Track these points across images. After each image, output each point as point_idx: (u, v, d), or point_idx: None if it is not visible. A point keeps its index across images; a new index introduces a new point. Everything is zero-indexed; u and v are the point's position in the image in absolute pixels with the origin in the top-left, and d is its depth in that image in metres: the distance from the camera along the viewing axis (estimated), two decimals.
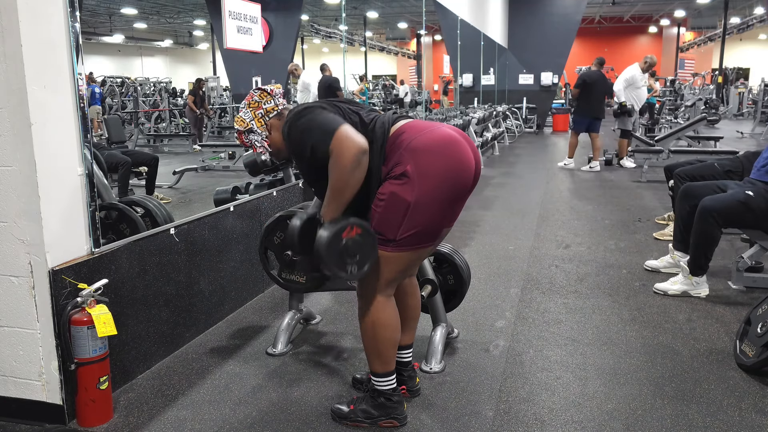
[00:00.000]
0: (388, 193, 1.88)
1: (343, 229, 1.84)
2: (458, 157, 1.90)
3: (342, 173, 1.80)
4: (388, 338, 2.02)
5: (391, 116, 2.00)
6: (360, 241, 1.87)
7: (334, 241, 1.82)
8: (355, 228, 1.85)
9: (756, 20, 20.10)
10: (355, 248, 1.86)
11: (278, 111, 2.09)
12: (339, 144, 1.79)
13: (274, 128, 2.07)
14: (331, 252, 1.83)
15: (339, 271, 1.86)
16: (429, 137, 1.89)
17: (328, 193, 1.85)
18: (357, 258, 1.87)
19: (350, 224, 1.85)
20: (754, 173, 3.38)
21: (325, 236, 1.83)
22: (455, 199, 1.94)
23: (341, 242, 1.84)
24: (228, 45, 3.68)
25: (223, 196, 3.61)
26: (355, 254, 1.86)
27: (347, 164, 1.79)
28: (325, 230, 1.84)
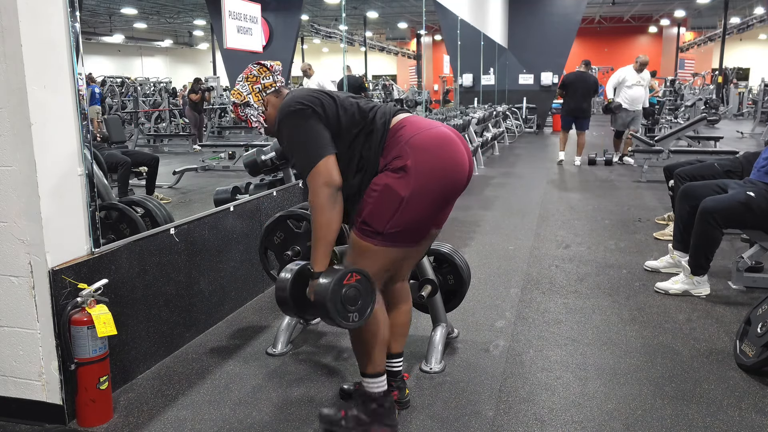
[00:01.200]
0: (383, 184, 1.85)
1: (344, 277, 1.80)
2: (454, 157, 1.89)
3: (322, 213, 1.82)
4: (376, 336, 1.98)
5: (393, 108, 1.98)
6: (359, 287, 1.83)
7: (336, 289, 1.77)
8: (354, 275, 1.82)
9: (756, 20, 20.11)
10: (355, 295, 1.82)
11: (276, 88, 2.05)
12: (315, 181, 1.82)
13: (270, 104, 2.04)
14: (335, 303, 1.78)
15: (342, 321, 1.81)
16: (429, 135, 1.88)
17: (313, 238, 1.86)
18: (358, 304, 1.83)
19: (350, 271, 1.81)
20: (754, 174, 3.38)
21: (328, 286, 1.76)
22: (446, 199, 1.93)
23: (342, 291, 1.79)
24: (228, 45, 3.68)
25: (223, 196, 3.60)
26: (356, 302, 1.83)
27: (324, 204, 1.82)
28: (325, 278, 1.79)
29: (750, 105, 18.79)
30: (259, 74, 2.04)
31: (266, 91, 2.04)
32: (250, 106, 2.04)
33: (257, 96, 2.04)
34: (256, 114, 2.04)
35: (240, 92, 2.04)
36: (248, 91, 2.04)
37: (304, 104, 1.89)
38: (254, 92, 2.04)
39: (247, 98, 2.04)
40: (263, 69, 2.05)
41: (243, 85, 2.04)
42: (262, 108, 2.05)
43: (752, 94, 19.48)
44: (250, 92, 2.03)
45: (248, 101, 2.04)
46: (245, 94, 2.04)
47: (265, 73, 2.05)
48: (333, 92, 2.00)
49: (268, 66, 2.06)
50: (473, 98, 12.22)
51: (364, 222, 1.88)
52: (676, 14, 23.43)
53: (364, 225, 1.89)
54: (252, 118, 2.05)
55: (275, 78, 2.06)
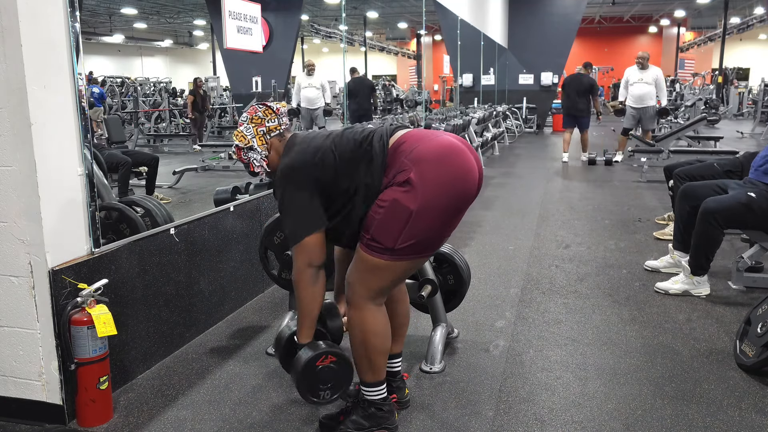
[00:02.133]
0: (390, 199, 1.80)
1: (317, 358, 1.89)
2: (461, 165, 1.84)
3: (304, 291, 1.89)
4: (379, 346, 1.96)
5: (389, 128, 1.94)
6: (334, 368, 1.91)
7: (307, 371, 1.88)
8: (329, 356, 1.90)
9: (756, 20, 20.10)
10: (329, 376, 1.91)
11: (280, 131, 2.02)
12: (298, 259, 1.88)
13: (273, 148, 2.00)
14: (304, 380, 1.89)
15: (311, 398, 1.92)
16: (430, 146, 1.84)
17: (298, 312, 1.94)
18: (330, 385, 1.92)
19: (325, 353, 1.90)
20: (752, 174, 3.38)
21: (300, 364, 1.88)
22: (458, 208, 1.88)
23: (315, 370, 1.89)
24: (228, 45, 3.68)
25: (223, 196, 3.60)
26: (329, 382, 1.92)
27: (305, 282, 1.88)
28: (301, 356, 1.90)
29: (750, 105, 18.78)
30: (264, 116, 2.00)
31: (270, 134, 2.00)
32: (254, 149, 2.00)
33: (261, 139, 2.00)
34: (259, 158, 2.00)
35: (244, 135, 2.00)
36: (253, 134, 1.99)
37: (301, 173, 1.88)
38: (258, 135, 1.99)
39: (251, 142, 1.99)
40: (269, 111, 2.01)
41: (247, 128, 2.00)
42: (266, 152, 2.01)
43: (752, 94, 19.47)
44: (255, 135, 1.99)
45: (252, 145, 1.99)
46: (249, 138, 1.99)
47: (271, 115, 2.01)
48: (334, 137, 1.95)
49: (274, 109, 2.02)
50: (473, 98, 12.22)
51: (373, 239, 1.84)
52: (676, 14, 23.43)
53: (372, 242, 1.84)
54: (255, 163, 2.01)
55: (280, 120, 2.02)
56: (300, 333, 1.95)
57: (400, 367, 2.23)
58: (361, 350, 1.97)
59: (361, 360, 1.99)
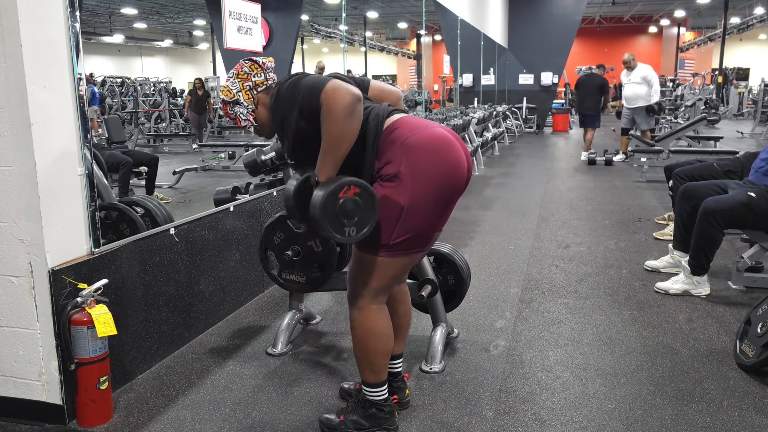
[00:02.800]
0: (380, 196, 1.79)
1: (340, 189, 1.71)
2: (451, 158, 1.84)
3: (336, 122, 1.69)
4: (380, 347, 1.96)
5: (387, 108, 1.92)
6: (358, 201, 1.74)
7: (329, 201, 1.70)
8: (353, 187, 1.73)
9: (756, 20, 20.10)
10: (353, 209, 1.73)
11: (267, 85, 1.99)
12: (331, 94, 1.69)
13: (260, 103, 1.98)
14: (327, 214, 1.71)
15: (335, 235, 1.74)
16: (423, 136, 1.83)
17: (322, 148, 1.75)
18: (355, 220, 1.75)
19: (347, 183, 1.73)
20: (752, 175, 3.39)
21: (320, 196, 1.70)
22: (447, 201, 1.88)
23: (338, 203, 1.71)
24: (228, 45, 3.68)
25: (223, 196, 3.60)
26: (353, 216, 1.74)
27: (341, 113, 1.68)
28: (320, 190, 1.72)
29: (750, 105, 18.79)
30: (250, 71, 1.99)
31: (257, 89, 1.99)
32: (240, 104, 1.98)
33: (247, 94, 1.98)
34: (246, 112, 1.99)
35: (230, 89, 1.99)
36: (238, 88, 1.98)
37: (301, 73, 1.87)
38: (245, 90, 1.98)
39: (237, 96, 1.98)
40: (255, 66, 2.00)
41: (233, 82, 1.99)
42: (252, 106, 1.99)
43: (752, 94, 19.47)
44: (241, 90, 1.98)
45: (238, 99, 1.98)
46: (235, 92, 1.98)
47: (257, 70, 1.99)
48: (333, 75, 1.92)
49: (260, 63, 2.00)
50: (473, 98, 12.22)
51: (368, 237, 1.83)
52: (676, 14, 23.43)
53: (368, 239, 1.83)
54: (241, 117, 1.99)
55: (267, 75, 2.00)
56: (320, 170, 1.76)
57: (401, 368, 2.22)
58: (362, 351, 1.97)
59: (362, 361, 1.98)
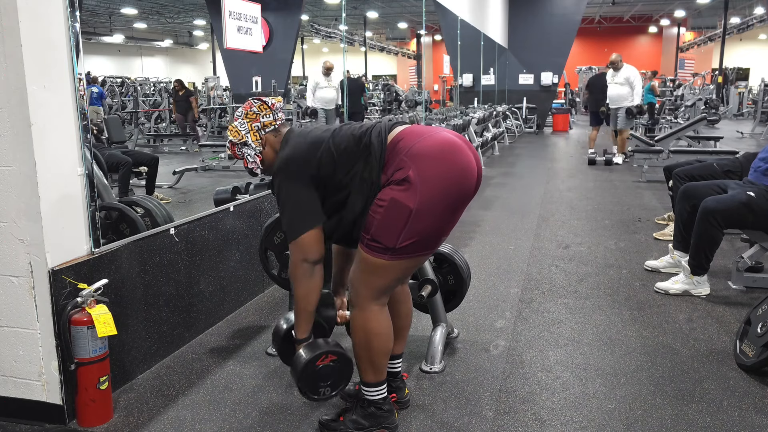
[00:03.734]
0: (389, 199, 1.79)
1: (318, 358, 1.91)
2: (460, 162, 1.83)
3: (299, 283, 1.90)
4: (381, 347, 1.96)
5: (388, 124, 1.92)
6: (334, 366, 1.94)
7: (308, 367, 1.90)
8: (329, 356, 1.93)
9: (756, 20, 20.10)
10: (329, 374, 1.94)
11: (275, 126, 2.01)
12: (295, 254, 1.88)
13: (268, 144, 1.99)
14: (305, 378, 1.91)
15: (311, 395, 1.95)
16: (429, 142, 1.82)
17: (294, 307, 1.95)
18: (329, 382, 1.95)
19: (325, 352, 1.92)
20: (751, 175, 3.39)
21: (301, 362, 1.91)
22: (457, 205, 1.87)
23: (316, 368, 1.92)
24: (228, 45, 3.68)
25: (223, 196, 3.60)
26: (328, 379, 1.95)
27: (301, 276, 1.88)
28: (303, 355, 1.92)
29: (750, 105, 18.79)
30: (259, 111, 1.99)
31: (265, 130, 1.99)
32: (248, 145, 1.99)
33: (255, 135, 1.99)
34: (253, 154, 1.99)
35: (238, 131, 1.99)
36: (247, 130, 1.98)
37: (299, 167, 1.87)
38: (252, 131, 1.98)
39: (245, 138, 1.98)
40: (263, 107, 2.00)
41: (242, 123, 1.99)
42: (260, 148, 2.00)
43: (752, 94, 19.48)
44: (249, 131, 1.98)
45: (246, 140, 1.98)
46: (243, 133, 1.98)
47: (266, 110, 2.00)
48: (332, 131, 1.93)
49: (269, 104, 2.01)
50: (473, 98, 12.21)
51: (373, 239, 1.83)
52: (676, 14, 23.43)
53: (373, 242, 1.83)
54: (248, 159, 2.00)
55: (275, 116, 2.01)
56: (297, 327, 1.97)
57: (400, 368, 2.23)
58: (363, 350, 1.97)
59: (362, 360, 1.99)
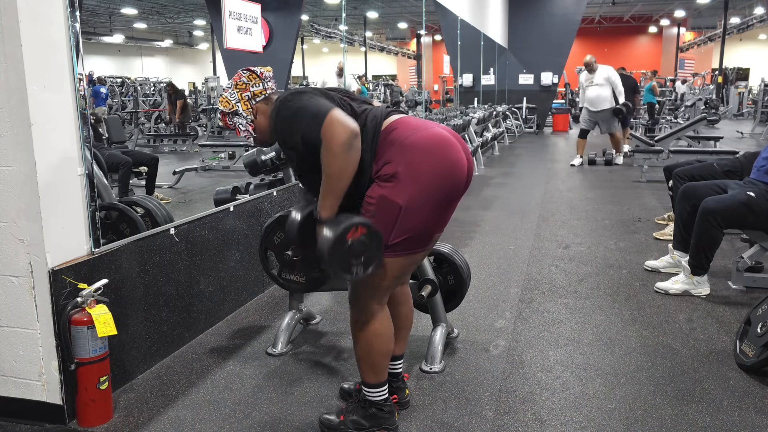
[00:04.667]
0: (378, 196, 1.79)
1: (348, 230, 1.76)
2: (451, 158, 1.83)
3: (335, 158, 1.73)
4: (382, 348, 1.96)
5: (384, 110, 1.91)
6: (365, 241, 1.79)
7: (338, 242, 1.75)
8: (360, 228, 1.78)
9: (756, 20, 20.10)
10: (360, 249, 1.78)
11: (266, 95, 1.98)
12: (330, 129, 1.72)
13: (260, 112, 1.97)
14: (336, 254, 1.76)
15: (344, 274, 1.80)
16: (422, 136, 1.82)
17: (324, 184, 1.78)
18: (362, 259, 1.80)
19: (355, 224, 1.78)
20: (753, 174, 3.38)
21: (330, 238, 1.75)
22: (447, 201, 1.87)
23: (346, 244, 1.76)
24: (228, 45, 3.68)
25: (223, 196, 3.60)
26: (360, 255, 1.79)
27: (340, 149, 1.71)
28: (329, 231, 1.77)
29: (750, 105, 18.79)
30: (248, 81, 1.98)
31: (256, 99, 1.98)
32: (239, 114, 1.98)
33: (246, 104, 1.97)
34: (245, 123, 1.98)
35: (228, 100, 1.98)
36: (237, 99, 1.97)
37: (299, 91, 1.87)
38: (243, 100, 1.97)
39: (235, 107, 1.97)
40: (253, 75, 1.99)
41: (231, 93, 1.98)
42: (251, 117, 1.98)
43: (752, 94, 19.48)
44: (239, 100, 1.97)
45: (237, 110, 1.97)
46: (234, 103, 1.97)
47: (255, 80, 1.98)
48: (326, 89, 1.95)
49: (258, 73, 1.99)
50: (473, 98, 12.22)
51: None
52: (676, 14, 23.44)
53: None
54: (240, 127, 1.99)
55: (265, 85, 2.00)
56: (323, 208, 1.79)
57: (401, 369, 2.23)
58: (363, 351, 1.97)
59: (363, 361, 1.98)
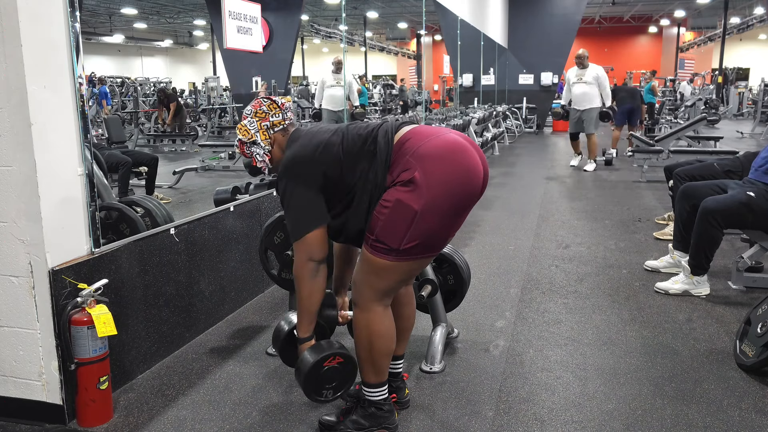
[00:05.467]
0: (394, 200, 1.79)
1: (326, 359, 1.91)
2: (467, 164, 1.83)
3: (303, 283, 1.90)
4: (384, 349, 1.96)
5: (394, 123, 1.92)
6: (340, 368, 1.94)
7: (315, 369, 1.90)
8: (336, 358, 1.93)
9: (756, 20, 20.10)
10: (333, 376, 1.94)
11: (284, 126, 2.01)
12: (299, 254, 1.89)
13: (276, 143, 2.00)
14: (310, 381, 1.91)
15: (315, 397, 1.96)
16: (436, 143, 1.82)
17: (297, 306, 1.95)
18: (333, 384, 1.95)
19: (332, 354, 1.92)
20: (752, 174, 3.38)
21: (308, 364, 1.89)
22: (463, 207, 1.88)
23: (321, 371, 1.91)
24: (228, 45, 3.68)
25: (223, 196, 3.60)
26: (332, 381, 1.94)
27: (307, 274, 1.88)
28: (309, 356, 1.91)
29: (750, 105, 18.79)
30: (268, 110, 1.99)
31: (274, 129, 2.00)
32: (257, 144, 1.99)
33: (264, 134, 1.99)
34: (262, 153, 2.00)
35: (248, 129, 1.99)
36: (256, 129, 1.99)
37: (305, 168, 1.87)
38: (262, 130, 1.99)
39: (254, 137, 1.99)
40: (273, 105, 2.00)
41: (251, 122, 1.99)
42: (269, 147, 2.00)
43: (752, 94, 19.48)
44: (258, 130, 1.99)
45: (255, 139, 1.99)
46: (253, 132, 1.99)
47: (275, 109, 2.00)
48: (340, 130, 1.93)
49: (278, 104, 2.01)
50: (473, 98, 12.22)
51: (378, 240, 1.82)
52: (676, 14, 23.43)
53: (377, 243, 1.83)
54: (257, 157, 2.01)
55: (285, 116, 2.01)
56: (300, 327, 1.97)
57: (401, 369, 2.23)
58: (365, 351, 1.97)
59: (365, 361, 1.99)
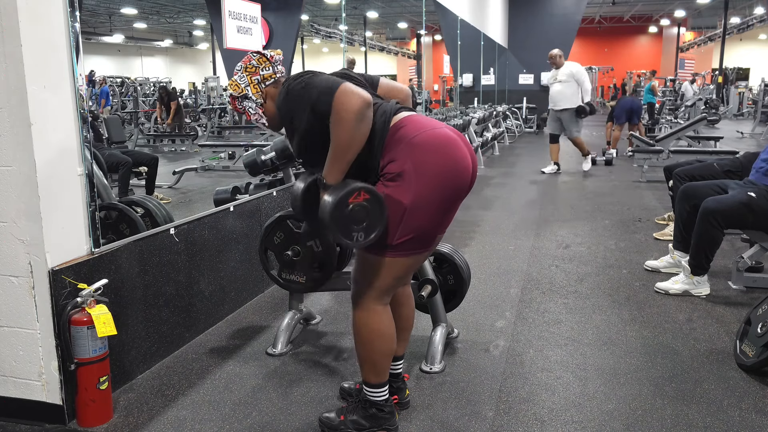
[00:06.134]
0: (383, 196, 1.78)
1: (350, 194, 1.72)
2: (456, 158, 1.83)
3: (346, 128, 1.69)
4: (384, 348, 1.95)
5: (394, 106, 1.90)
6: (368, 206, 1.74)
7: (339, 206, 1.71)
8: (362, 193, 1.73)
9: (756, 20, 20.11)
10: (362, 214, 1.74)
11: (276, 79, 1.97)
12: (341, 99, 1.69)
13: (269, 96, 1.96)
14: (336, 218, 1.72)
15: (344, 239, 1.75)
16: (428, 135, 1.81)
17: (331, 152, 1.75)
18: (364, 225, 1.75)
19: (357, 189, 1.73)
20: (753, 175, 3.39)
21: (330, 201, 1.71)
22: (452, 201, 1.87)
23: (347, 208, 1.72)
24: (228, 45, 3.68)
25: (223, 196, 3.60)
26: (362, 221, 1.74)
27: (351, 118, 1.68)
28: (330, 195, 1.73)
29: (750, 105, 18.80)
30: (258, 64, 1.96)
31: (265, 83, 1.96)
32: (249, 98, 1.96)
33: (256, 88, 1.96)
34: (254, 106, 1.97)
35: (238, 84, 1.96)
36: (247, 83, 1.96)
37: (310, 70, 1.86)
38: (253, 84, 1.96)
39: (245, 90, 1.96)
40: (263, 59, 1.97)
41: (241, 77, 1.96)
42: (261, 100, 1.97)
43: (752, 94, 19.49)
44: (249, 84, 1.95)
45: (246, 93, 1.96)
46: (243, 86, 1.96)
47: (265, 63, 1.97)
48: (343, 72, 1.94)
49: (267, 56, 1.98)
50: (473, 98, 12.22)
51: None
52: (676, 14, 23.45)
53: None
54: (250, 111, 1.97)
55: (275, 69, 1.98)
56: (327, 173, 1.76)
57: (401, 369, 2.22)
58: (365, 351, 1.96)
59: (365, 361, 1.98)
